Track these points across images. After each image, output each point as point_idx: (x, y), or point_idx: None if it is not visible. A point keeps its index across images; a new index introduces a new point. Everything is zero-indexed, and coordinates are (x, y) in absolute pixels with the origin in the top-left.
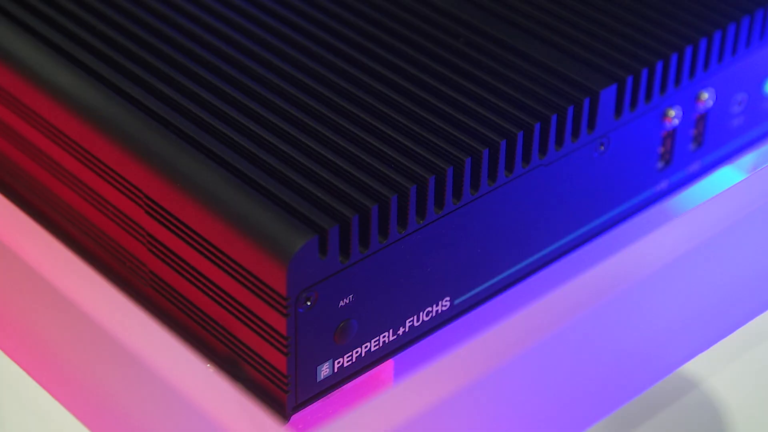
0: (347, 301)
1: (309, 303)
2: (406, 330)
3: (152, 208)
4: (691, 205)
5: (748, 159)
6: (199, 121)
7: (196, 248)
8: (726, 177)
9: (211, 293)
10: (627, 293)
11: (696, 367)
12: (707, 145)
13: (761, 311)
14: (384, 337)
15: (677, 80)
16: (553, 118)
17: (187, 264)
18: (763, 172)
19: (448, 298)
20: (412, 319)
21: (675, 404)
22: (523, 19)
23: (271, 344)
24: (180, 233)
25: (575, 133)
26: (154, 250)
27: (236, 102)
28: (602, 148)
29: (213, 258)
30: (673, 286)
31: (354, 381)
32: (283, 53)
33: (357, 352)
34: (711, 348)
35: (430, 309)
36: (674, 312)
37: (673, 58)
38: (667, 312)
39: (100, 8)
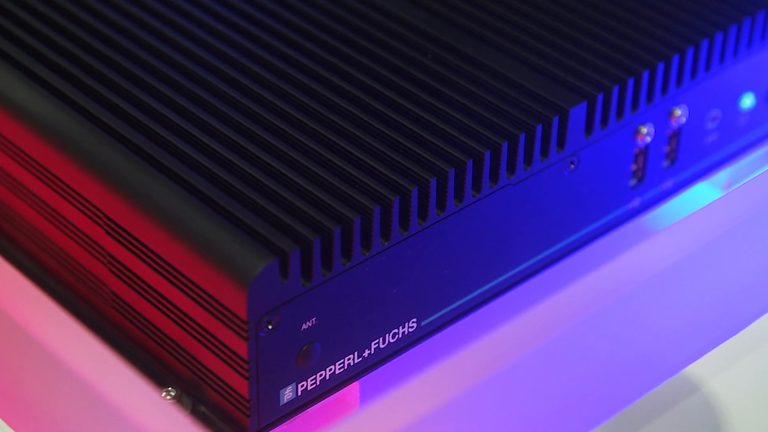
0: (310, 324)
1: (270, 327)
2: (372, 352)
3: (112, 229)
4: (672, 220)
5: (722, 175)
6: (160, 139)
7: (156, 270)
8: (701, 194)
9: (172, 315)
10: (623, 299)
11: (698, 369)
12: (681, 162)
13: (759, 316)
14: (349, 359)
15: (649, 97)
16: (521, 137)
17: (148, 285)
18: (744, 188)
19: (414, 320)
20: (377, 341)
21: (676, 407)
22: (492, 34)
23: (233, 368)
24: (140, 254)
25: (544, 152)
26: (114, 270)
27: (198, 120)
28: (572, 166)
29: (173, 280)
30: (666, 294)
31: (319, 404)
32: (244, 71)
33: (321, 375)
34: (713, 351)
35: (396, 331)
36: (674, 316)
37: (645, 75)
38: (667, 316)
39: (59, 21)
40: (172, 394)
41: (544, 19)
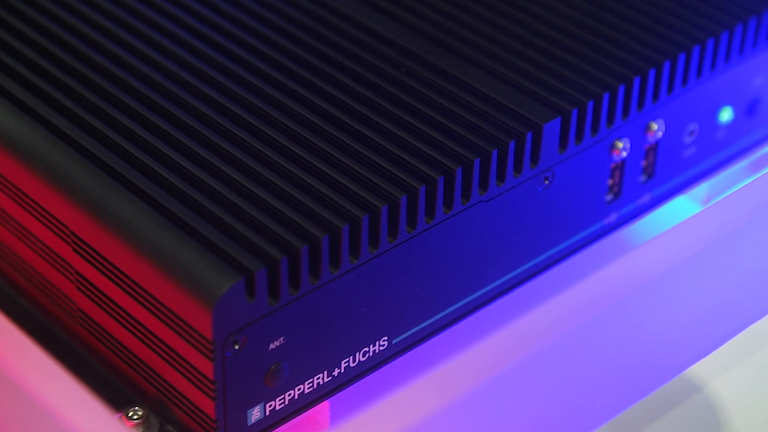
0: (278, 344)
1: (237, 347)
2: (342, 371)
3: (79, 246)
4: (652, 234)
5: (701, 189)
6: (128, 155)
7: (123, 288)
8: (681, 208)
9: (138, 334)
10: (621, 303)
11: (699, 370)
12: (658, 177)
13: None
14: (318, 378)
15: (625, 112)
16: (494, 153)
17: (115, 303)
18: (724, 202)
19: (385, 338)
20: (347, 360)
21: (678, 409)
22: (467, 48)
23: (199, 388)
24: (107, 272)
25: (517, 168)
26: (82, 288)
27: (165, 136)
28: (547, 182)
29: (140, 298)
30: (656, 302)
31: (288, 423)
32: (212, 85)
33: (290, 395)
34: (714, 352)
35: (366, 349)
36: (665, 324)
37: (621, 90)
38: (657, 325)
39: (27, 34)
40: (139, 413)
41: (519, 34)
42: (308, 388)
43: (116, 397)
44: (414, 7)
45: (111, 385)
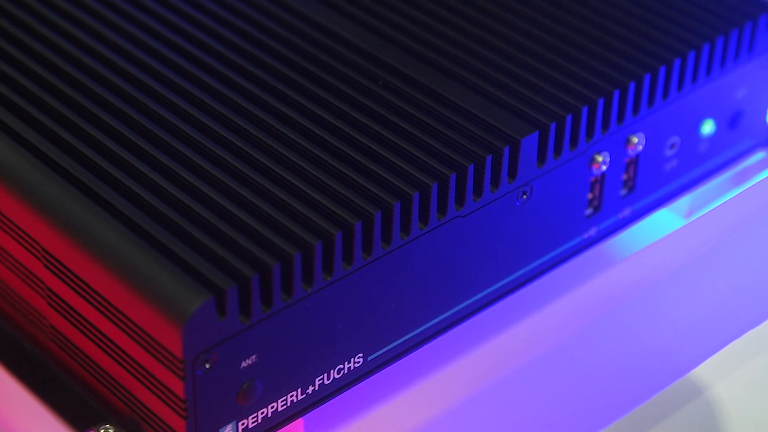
0: (250, 362)
1: (208, 365)
2: (316, 388)
3: (50, 262)
4: (635, 248)
5: (683, 202)
6: (99, 171)
7: (93, 305)
8: (663, 221)
9: (110, 351)
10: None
11: (702, 373)
12: (639, 190)
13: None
14: (292, 396)
15: (604, 126)
16: (470, 168)
17: (86, 320)
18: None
19: (360, 355)
20: (322, 377)
21: (680, 411)
22: (445, 60)
23: (170, 407)
24: (78, 289)
25: (494, 182)
26: (53, 304)
27: (137, 151)
28: (525, 196)
29: (110, 316)
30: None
31: None
32: (185, 98)
33: (263, 413)
34: (716, 354)
35: (341, 366)
36: (676, 322)
37: (600, 103)
38: (671, 321)
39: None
40: (111, 431)
41: (497, 46)
42: (282, 406)
43: (87, 415)
44: (391, 20)
45: (82, 402)
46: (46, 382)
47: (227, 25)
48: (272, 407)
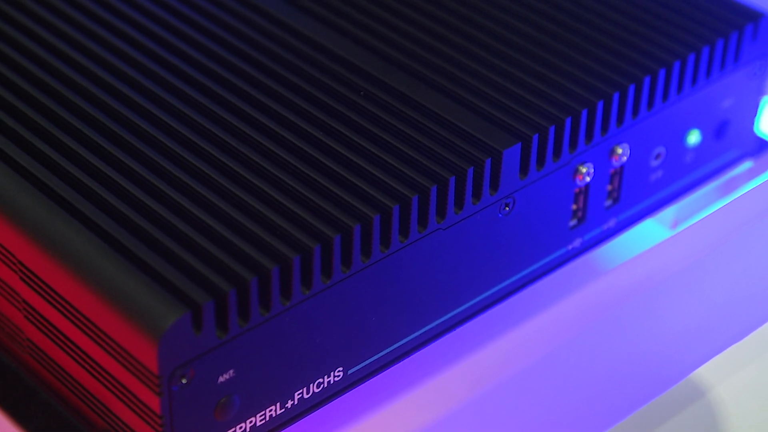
0: (227, 377)
1: (184, 380)
2: (295, 403)
3: (27, 275)
4: (622, 259)
5: (669, 213)
6: (76, 183)
7: (70, 318)
8: (647, 232)
9: (86, 366)
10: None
11: (704, 375)
12: (624, 201)
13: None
14: (270, 411)
15: (588, 137)
16: (451, 180)
17: (63, 334)
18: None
19: (340, 369)
20: (301, 391)
21: (682, 413)
22: (427, 71)
23: (146, 422)
24: (54, 303)
25: (476, 194)
26: (30, 317)
27: (114, 162)
28: (507, 208)
29: (87, 330)
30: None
31: None
32: (165, 109)
33: (241, 428)
34: (718, 356)
35: (321, 380)
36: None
37: (583, 115)
38: (665, 325)
39: None
40: None
41: (480, 56)
42: (260, 421)
43: (64, 429)
44: (374, 29)
45: (59, 417)
46: (23, 396)
47: (208, 37)
48: (251, 422)
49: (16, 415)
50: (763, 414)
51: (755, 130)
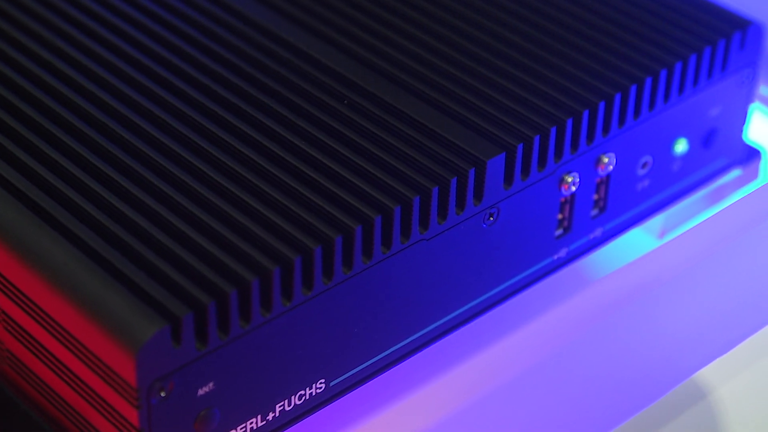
0: (207, 390)
1: (163, 393)
2: (277, 415)
3: (5, 287)
4: (610, 268)
5: (656, 222)
6: (55, 193)
7: (49, 330)
8: (634, 241)
9: (65, 377)
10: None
11: (707, 376)
12: (610, 211)
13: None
14: (251, 423)
15: (574, 146)
16: (434, 190)
17: (42, 346)
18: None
19: (322, 381)
20: (282, 403)
21: (683, 415)
22: (412, 79)
23: None
24: (33, 314)
25: (460, 205)
26: (9, 328)
27: (93, 172)
28: (492, 218)
29: (65, 342)
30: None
31: None
32: (146, 118)
33: None
34: (720, 358)
35: (302, 392)
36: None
37: (569, 124)
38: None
39: None
40: None
41: (464, 65)
42: None
43: None
44: (358, 37)
45: (39, 429)
46: (2, 407)
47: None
48: None
49: None
50: (764, 414)
51: (744, 138)
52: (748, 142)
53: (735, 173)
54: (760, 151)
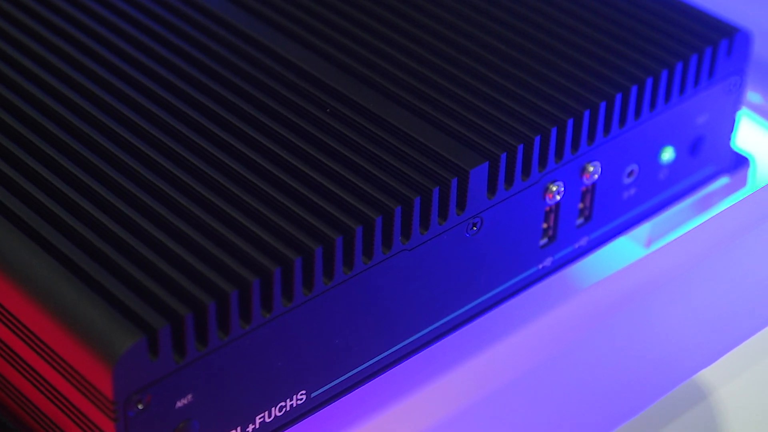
0: (185, 402)
1: (140, 406)
2: (257, 427)
3: None
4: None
5: (643, 230)
6: (32, 201)
7: (26, 342)
8: (621, 249)
9: (42, 389)
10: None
11: (708, 377)
12: (596, 219)
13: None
14: None
15: (558, 155)
16: (416, 200)
17: (20, 357)
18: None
19: (303, 392)
20: (262, 415)
21: (684, 416)
22: (395, 88)
23: None
24: (11, 325)
25: (442, 215)
26: None
27: (71, 180)
28: (475, 228)
29: (43, 354)
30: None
31: None
32: (126, 126)
33: None
34: (721, 359)
35: (283, 404)
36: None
37: (553, 133)
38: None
39: None
40: None
41: (448, 72)
42: None
43: None
44: (339, 43)
45: None
46: None
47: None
48: None
49: None
50: (765, 415)
51: (732, 145)
52: (736, 150)
53: (723, 181)
54: (749, 158)
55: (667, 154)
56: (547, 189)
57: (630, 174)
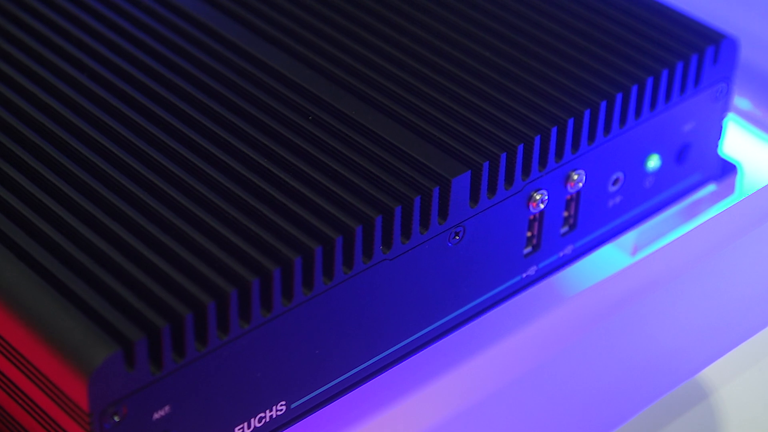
0: (163, 413)
1: (117, 418)
2: None
3: None
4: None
5: (629, 238)
6: (6, 209)
7: (2, 353)
8: (607, 257)
9: (18, 400)
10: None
11: (708, 377)
12: (581, 228)
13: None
14: None
15: (542, 163)
16: (397, 210)
17: None
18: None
19: (283, 402)
20: (242, 426)
21: (684, 416)
22: (378, 95)
23: None
24: None
25: (424, 224)
26: None
27: (48, 188)
28: (457, 237)
29: (18, 364)
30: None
31: None
32: (106, 134)
33: None
34: (722, 358)
35: (263, 414)
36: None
37: (536, 141)
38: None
39: None
40: None
41: (431, 79)
42: None
43: None
44: (323, 49)
45: None
46: None
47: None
48: None
49: None
50: (764, 416)
51: (719, 153)
52: (723, 157)
53: (710, 188)
54: (736, 165)
55: (653, 162)
56: (530, 197)
57: (615, 182)
